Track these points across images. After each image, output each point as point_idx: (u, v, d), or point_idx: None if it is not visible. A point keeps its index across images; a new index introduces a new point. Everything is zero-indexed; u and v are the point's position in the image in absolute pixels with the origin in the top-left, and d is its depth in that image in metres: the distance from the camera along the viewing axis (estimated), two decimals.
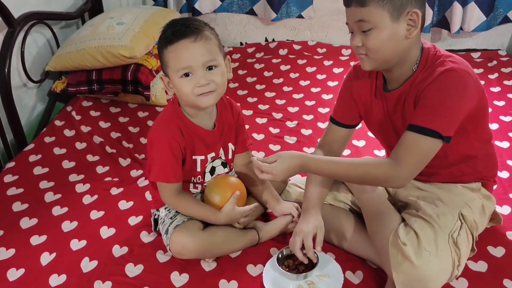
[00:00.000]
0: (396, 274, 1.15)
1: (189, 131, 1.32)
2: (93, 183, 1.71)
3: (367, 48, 1.18)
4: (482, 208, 1.30)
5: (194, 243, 1.29)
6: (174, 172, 1.32)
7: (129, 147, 1.92)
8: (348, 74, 1.40)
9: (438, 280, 1.16)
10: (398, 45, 1.17)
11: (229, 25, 2.79)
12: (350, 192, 1.42)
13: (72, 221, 1.53)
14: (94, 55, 2.13)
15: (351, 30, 1.21)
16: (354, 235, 1.34)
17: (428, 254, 1.13)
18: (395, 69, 1.23)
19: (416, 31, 1.16)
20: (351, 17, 1.18)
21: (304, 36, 2.76)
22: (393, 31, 1.15)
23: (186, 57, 1.21)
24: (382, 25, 1.14)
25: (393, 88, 1.26)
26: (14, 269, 1.37)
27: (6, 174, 1.77)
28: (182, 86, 1.24)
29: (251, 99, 2.24)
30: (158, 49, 1.29)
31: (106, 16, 2.34)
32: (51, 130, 2.05)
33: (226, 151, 1.41)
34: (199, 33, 1.22)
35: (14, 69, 2.06)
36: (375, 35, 1.15)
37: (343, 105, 1.41)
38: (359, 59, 1.24)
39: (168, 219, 1.37)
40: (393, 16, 1.13)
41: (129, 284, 1.30)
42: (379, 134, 1.41)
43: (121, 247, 1.42)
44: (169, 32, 1.23)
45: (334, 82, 2.33)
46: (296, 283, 1.25)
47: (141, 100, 2.21)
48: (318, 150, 1.43)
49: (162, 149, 1.30)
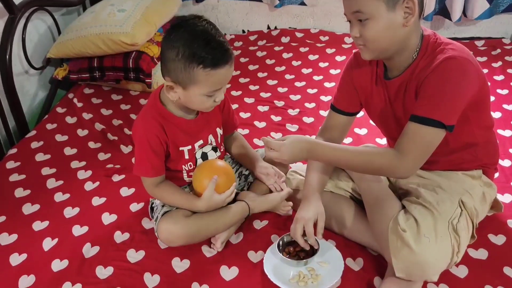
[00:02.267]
0: (396, 260, 1.15)
1: (170, 123, 1.31)
2: (95, 169, 1.72)
3: (365, 39, 1.17)
4: (483, 195, 1.30)
5: (179, 229, 1.29)
6: (153, 166, 1.31)
7: (131, 134, 1.91)
8: (348, 61, 1.39)
9: (437, 266, 1.16)
10: (396, 34, 1.16)
11: (231, 12, 2.77)
12: (351, 180, 1.42)
13: (74, 207, 1.54)
14: (95, 42, 2.12)
15: (348, 20, 1.21)
16: (354, 222, 1.35)
17: (427, 240, 1.14)
18: (395, 57, 1.22)
19: (413, 19, 1.15)
20: (348, 7, 1.17)
21: (306, 23, 2.74)
22: (390, 21, 1.14)
23: (221, 81, 1.23)
24: (378, 15, 1.13)
25: (393, 76, 1.26)
26: (16, 254, 1.38)
27: (9, 161, 1.78)
28: (202, 102, 1.24)
29: (253, 87, 2.23)
30: (185, 63, 1.17)
31: (107, 2, 2.32)
32: (52, 117, 2.05)
33: (215, 137, 1.41)
34: (232, 56, 1.22)
35: (16, 56, 2.06)
36: (371, 26, 1.14)
37: (343, 92, 1.40)
38: (358, 49, 1.24)
39: (160, 206, 1.37)
40: (389, 6, 1.12)
41: (131, 270, 1.31)
42: (380, 122, 1.40)
43: (122, 233, 1.43)
44: (206, 53, 1.16)
45: (337, 70, 2.32)
46: (297, 270, 1.25)
47: (143, 88, 2.20)
48: (319, 137, 1.42)
49: (140, 144, 1.30)
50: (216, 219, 1.33)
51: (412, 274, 1.15)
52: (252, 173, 1.47)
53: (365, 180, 1.35)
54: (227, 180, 1.34)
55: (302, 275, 1.23)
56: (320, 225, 1.26)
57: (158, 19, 2.29)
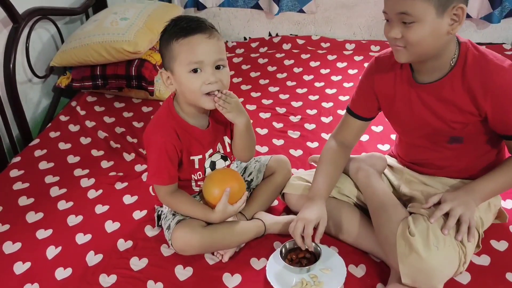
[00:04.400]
0: (403, 266, 1.15)
1: (185, 132, 1.30)
2: (97, 177, 1.73)
3: (406, 41, 1.13)
4: (488, 204, 1.30)
5: (196, 239, 1.29)
6: (169, 174, 1.30)
7: (133, 142, 1.93)
8: (369, 66, 1.36)
9: (444, 274, 1.16)
10: (439, 40, 1.14)
11: (232, 19, 2.79)
12: (356, 187, 1.42)
13: (77, 215, 1.55)
14: (98, 50, 2.13)
15: (387, 19, 1.16)
16: (358, 228, 1.35)
17: (436, 249, 1.13)
18: (429, 62, 1.19)
19: (459, 27, 1.13)
20: (392, 7, 1.12)
21: (308, 30, 2.75)
22: (436, 26, 1.11)
23: (200, 52, 1.19)
24: (426, 19, 1.09)
25: (424, 80, 1.23)
26: (20, 262, 1.38)
27: (12, 169, 1.79)
28: (190, 81, 1.21)
29: (255, 93, 2.24)
30: (162, 41, 1.24)
31: (110, 11, 2.34)
32: (56, 125, 2.06)
33: (223, 146, 1.40)
34: (212, 30, 1.21)
35: (19, 64, 2.07)
36: (417, 29, 1.11)
37: (362, 97, 1.38)
38: (393, 50, 1.20)
39: (170, 214, 1.37)
40: (439, 11, 1.09)
41: (134, 278, 1.31)
42: (400, 125, 1.37)
43: (125, 241, 1.43)
44: (181, 26, 1.20)
45: (338, 76, 2.33)
46: (299, 277, 1.25)
47: (145, 95, 2.21)
48: (332, 139, 1.42)
49: (157, 151, 1.28)
50: (232, 234, 1.33)
51: (418, 281, 1.15)
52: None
53: (370, 187, 1.35)
54: (239, 189, 1.34)
55: (304, 282, 1.24)
56: (320, 230, 1.25)
57: (160, 27, 2.27)
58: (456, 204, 1.18)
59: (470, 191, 1.22)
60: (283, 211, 1.52)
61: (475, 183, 1.24)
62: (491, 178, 1.24)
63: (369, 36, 2.70)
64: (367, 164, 1.42)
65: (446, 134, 1.27)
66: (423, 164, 1.37)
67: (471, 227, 1.17)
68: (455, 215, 1.16)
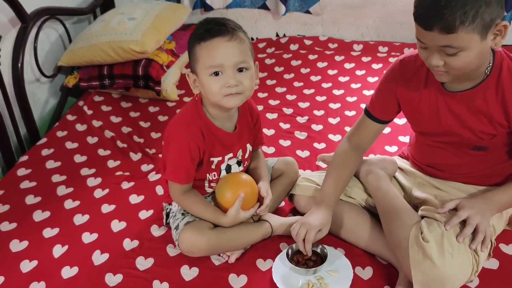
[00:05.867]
0: (415, 272, 1.13)
1: (210, 133, 1.29)
2: (104, 177, 1.73)
3: (450, 68, 1.09)
4: (501, 213, 1.28)
5: (203, 241, 1.29)
6: (188, 174, 1.30)
7: (140, 142, 1.93)
8: (391, 69, 1.31)
9: (457, 282, 1.14)
10: (483, 59, 1.11)
11: (240, 20, 2.78)
12: (365, 192, 1.41)
13: (83, 215, 1.55)
14: (105, 50, 2.14)
15: (424, 47, 1.10)
16: (367, 232, 1.33)
17: (450, 257, 1.12)
18: (465, 74, 1.15)
19: (502, 41, 1.08)
20: (432, 40, 1.05)
21: (315, 31, 2.74)
22: (482, 49, 1.06)
23: (219, 55, 1.19)
24: (471, 47, 1.04)
25: (455, 89, 1.19)
26: (27, 260, 1.39)
27: (20, 168, 1.80)
28: (210, 84, 1.21)
29: (262, 94, 2.24)
30: (188, 44, 1.25)
31: (117, 11, 2.35)
32: (63, 124, 2.07)
33: (244, 152, 1.40)
34: (234, 33, 1.20)
35: (27, 64, 2.08)
36: (463, 57, 1.06)
37: (382, 100, 1.34)
38: (433, 72, 1.15)
39: (179, 214, 1.37)
40: (482, 35, 1.03)
41: (140, 277, 1.31)
42: (425, 130, 1.33)
43: (131, 240, 1.43)
44: (204, 29, 1.21)
45: (345, 77, 2.32)
46: (306, 278, 1.25)
47: (152, 95, 2.22)
48: (346, 141, 1.40)
49: (180, 150, 1.27)
50: (239, 236, 1.33)
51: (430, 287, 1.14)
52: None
53: (380, 190, 1.33)
54: (252, 196, 1.33)
55: (311, 283, 1.23)
56: (317, 237, 1.25)
57: (167, 27, 2.31)
58: (474, 212, 1.16)
59: (488, 200, 1.20)
60: (289, 212, 1.52)
61: (493, 193, 1.22)
62: (509, 189, 1.22)
63: (377, 37, 2.69)
64: (378, 167, 1.41)
65: (472, 143, 1.25)
66: (440, 168, 1.35)
67: (486, 237, 1.15)
68: (472, 224, 1.14)
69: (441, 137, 1.29)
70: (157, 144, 1.90)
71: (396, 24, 2.61)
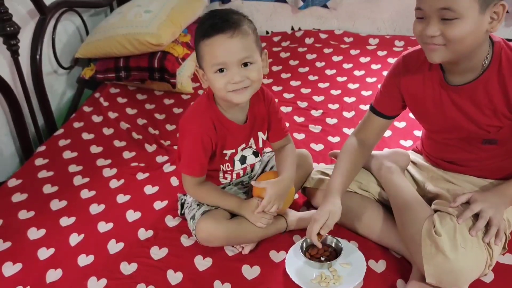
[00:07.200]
0: (428, 266, 1.13)
1: (222, 126, 1.30)
2: (120, 168, 1.75)
3: (446, 39, 1.07)
4: None
5: (221, 231, 1.30)
6: (201, 166, 1.31)
7: (155, 134, 1.95)
8: (395, 64, 1.31)
9: (470, 275, 1.14)
10: (478, 39, 1.09)
11: (255, 13, 2.79)
12: (378, 185, 1.40)
13: (99, 204, 1.57)
14: (122, 42, 2.16)
15: (421, 16, 1.10)
16: (381, 225, 1.33)
17: (463, 250, 1.11)
18: (462, 62, 1.14)
19: (498, 25, 1.08)
20: (432, 2, 1.06)
21: (331, 25, 2.73)
22: (478, 23, 1.06)
23: (222, 53, 1.17)
24: (469, 15, 1.04)
25: (456, 81, 1.19)
26: (44, 248, 1.41)
27: (37, 158, 1.83)
28: (215, 81, 1.20)
29: (276, 87, 2.23)
30: (194, 40, 1.24)
31: (134, 4, 2.36)
32: (79, 115, 2.10)
33: (256, 141, 1.39)
34: (236, 28, 1.16)
35: (45, 55, 2.11)
36: (459, 26, 1.05)
37: (386, 96, 1.34)
38: (426, 50, 1.13)
39: (195, 204, 1.38)
40: (482, 7, 1.04)
41: (154, 266, 1.33)
42: (433, 126, 1.33)
43: (146, 230, 1.45)
44: (207, 25, 1.18)
45: (361, 71, 2.31)
46: (320, 272, 1.25)
47: (167, 88, 2.23)
48: (353, 137, 1.40)
49: (193, 142, 1.28)
50: (256, 228, 1.33)
51: (443, 282, 1.13)
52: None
53: (393, 184, 1.33)
54: (290, 195, 1.37)
55: (324, 276, 1.23)
56: (328, 223, 1.22)
57: (183, 20, 2.32)
58: (487, 205, 1.15)
59: (501, 194, 1.19)
60: (303, 205, 1.52)
61: (506, 187, 1.21)
62: None
63: (393, 31, 2.66)
64: (390, 160, 1.40)
65: (480, 137, 1.24)
66: (454, 163, 1.34)
67: (500, 230, 1.14)
68: (485, 217, 1.14)
69: (450, 134, 1.28)
70: (172, 136, 1.92)
71: (413, 18, 2.55)
